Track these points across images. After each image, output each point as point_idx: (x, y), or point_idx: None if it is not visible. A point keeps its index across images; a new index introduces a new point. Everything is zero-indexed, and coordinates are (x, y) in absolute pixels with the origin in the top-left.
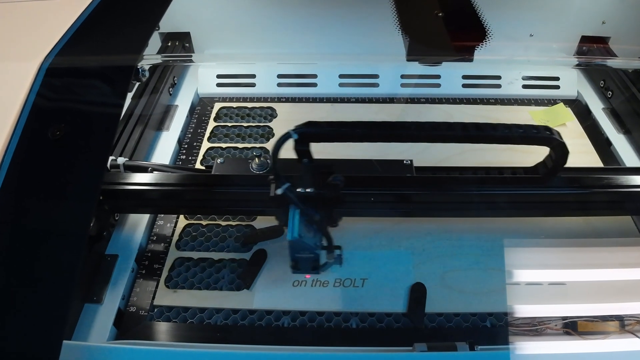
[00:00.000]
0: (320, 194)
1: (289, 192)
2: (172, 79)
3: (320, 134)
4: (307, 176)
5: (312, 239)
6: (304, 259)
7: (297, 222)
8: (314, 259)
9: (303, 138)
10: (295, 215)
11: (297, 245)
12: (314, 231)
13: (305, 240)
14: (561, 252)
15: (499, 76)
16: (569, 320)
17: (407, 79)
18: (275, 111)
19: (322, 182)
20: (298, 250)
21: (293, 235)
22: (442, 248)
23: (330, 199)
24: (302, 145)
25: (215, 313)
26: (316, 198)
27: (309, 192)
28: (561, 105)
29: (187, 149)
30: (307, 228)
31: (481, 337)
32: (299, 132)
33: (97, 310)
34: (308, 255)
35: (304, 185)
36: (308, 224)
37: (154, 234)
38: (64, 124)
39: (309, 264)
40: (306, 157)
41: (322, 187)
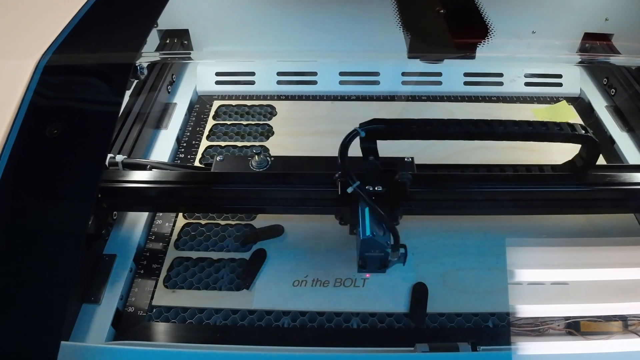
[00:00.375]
0: (389, 192)
1: (360, 190)
2: (170, 77)
3: (387, 131)
4: (375, 174)
5: (383, 237)
6: (373, 258)
7: (368, 221)
8: (383, 257)
9: (370, 135)
10: (366, 214)
11: (369, 243)
12: (384, 229)
13: (377, 239)
14: (564, 252)
15: (501, 74)
16: (572, 320)
17: (408, 76)
18: (274, 109)
19: (389, 179)
20: (369, 249)
21: (366, 233)
22: (443, 247)
23: (398, 197)
24: (369, 142)
25: (215, 313)
26: (384, 196)
27: (378, 190)
28: (564, 103)
29: (186, 147)
30: (377, 226)
31: (483, 338)
32: (366, 129)
33: (95, 310)
34: (378, 253)
35: (373, 183)
36: (378, 222)
37: (152, 233)
38: (61, 122)
39: (378, 263)
40: (372, 154)
41: (390, 184)
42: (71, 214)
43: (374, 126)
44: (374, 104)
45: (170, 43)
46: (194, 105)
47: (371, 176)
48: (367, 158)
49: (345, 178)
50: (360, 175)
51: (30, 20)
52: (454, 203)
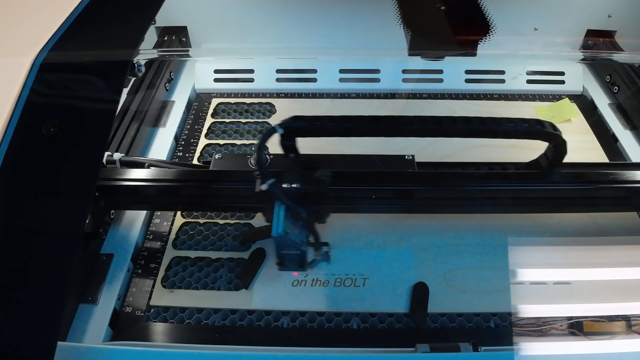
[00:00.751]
0: (306, 190)
1: (274, 188)
2: (168, 74)
3: (306, 129)
4: (293, 171)
5: (298, 235)
6: (290, 256)
7: (282, 218)
8: (300, 255)
9: (289, 132)
10: (281, 211)
11: (282, 241)
12: (300, 227)
13: (291, 237)
14: (566, 251)
15: (503, 71)
16: (575, 320)
17: (408, 74)
18: (274, 107)
19: (308, 177)
20: (283, 247)
21: (277, 231)
22: (444, 247)
23: (316, 195)
24: (288, 139)
25: (213, 313)
26: (302, 194)
27: (295, 187)
28: (566, 100)
29: (184, 145)
30: (293, 224)
31: (485, 338)
32: (284, 126)
33: (92, 310)
34: (294, 252)
35: (290, 181)
36: (295, 220)
37: (150, 232)
38: (58, 120)
39: (296, 261)
40: (292, 152)
41: (308, 182)
42: (68, 213)
43: (293, 123)
44: (374, 101)
45: (169, 40)
46: (192, 103)
47: (290, 174)
48: (288, 155)
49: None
50: (279, 172)
51: (26, 16)
52: (453, 201)
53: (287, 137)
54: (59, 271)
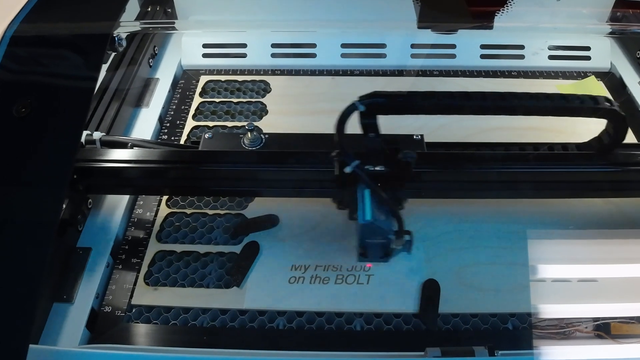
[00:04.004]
0: (392, 172)
1: (360, 170)
2: (152, 49)
3: (389, 105)
4: (377, 152)
5: (385, 222)
6: (374, 245)
7: (368, 204)
8: (386, 244)
9: (370, 110)
10: (367, 196)
11: (370, 229)
12: (386, 214)
13: (379, 224)
14: (593, 245)
15: (522, 46)
16: (601, 321)
17: (418, 48)
18: (268, 85)
19: (392, 158)
20: (370, 235)
21: (365, 218)
22: (458, 240)
23: (401, 177)
24: (369, 117)
25: (201, 314)
26: (387, 176)
27: (379, 170)
28: (592, 78)
29: (170, 127)
30: (378, 210)
31: (502, 341)
32: (366, 103)
33: (67, 310)
34: (380, 240)
35: (374, 162)
36: (379, 206)
37: (131, 224)
38: (30, 99)
39: (380, 251)
40: (373, 131)
41: (393, 164)
42: (41, 201)
43: (375, 99)
44: (379, 79)
45: (152, 11)
46: (178, 80)
47: (372, 155)
48: (367, 135)
49: (343, 157)
50: (359, 154)
51: None
52: (466, 185)
53: (367, 115)
54: (31, 266)
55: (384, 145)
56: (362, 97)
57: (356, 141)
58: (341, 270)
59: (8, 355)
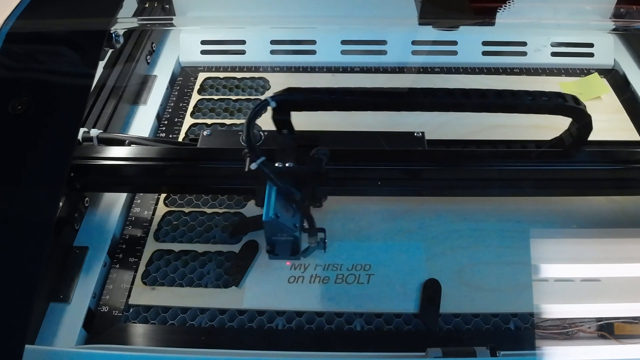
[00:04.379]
0: (301, 170)
1: (265, 167)
2: (150, 46)
3: (302, 102)
4: (287, 149)
5: (291, 219)
6: (281, 243)
7: (273, 201)
8: (292, 242)
9: (282, 106)
10: (272, 193)
11: (272, 225)
12: (294, 211)
13: (282, 221)
14: (596, 244)
15: (525, 42)
16: (605, 321)
17: (419, 45)
18: (268, 82)
19: (304, 156)
20: (274, 232)
21: (268, 214)
22: (459, 239)
23: (312, 176)
24: (281, 114)
25: (200, 314)
26: (296, 174)
27: (288, 167)
28: (595, 75)
29: (167, 125)
30: (285, 208)
31: (504, 341)
32: (277, 99)
33: (64, 310)
34: (286, 237)
35: (283, 160)
36: (288, 203)
37: (129, 223)
38: (26, 97)
39: (288, 248)
40: (286, 127)
41: (303, 161)
42: (38, 200)
43: (287, 96)
44: (380, 76)
45: (150, 7)
46: (176, 77)
47: (283, 152)
48: (281, 131)
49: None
50: (271, 151)
51: None
52: (467, 182)
53: (280, 111)
54: (28, 266)
55: (298, 143)
56: (275, 94)
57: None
58: (341, 269)
59: (4, 355)
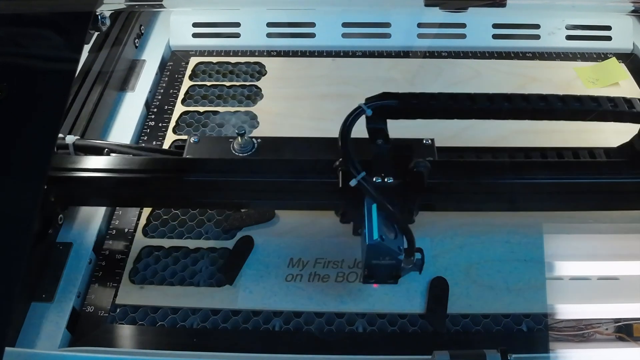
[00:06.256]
0: (402, 184)
1: (366, 183)
2: (138, 28)
3: (401, 109)
4: (385, 161)
5: (394, 240)
6: (382, 267)
7: (376, 221)
8: (395, 265)
9: (379, 113)
10: (374, 212)
11: (377, 249)
12: (395, 231)
13: (387, 243)
14: (613, 240)
15: (538, 25)
16: (623, 322)
17: (425, 28)
18: (264, 67)
19: (402, 168)
20: (377, 256)
21: (373, 237)
22: (468, 235)
23: (413, 190)
24: (377, 122)
25: (191, 314)
26: (397, 189)
27: (388, 182)
28: (613, 60)
29: (157, 113)
30: (387, 227)
31: (515, 344)
32: (374, 106)
33: (46, 310)
34: (388, 261)
35: (382, 174)
36: (387, 222)
37: (115, 217)
38: (5, 83)
39: (389, 272)
40: (381, 137)
41: (403, 175)
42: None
43: (384, 102)
44: (384, 61)
45: None
46: (166, 62)
47: (380, 164)
48: (375, 141)
49: (348, 167)
50: (366, 162)
51: None
52: (482, 197)
53: (375, 119)
54: (7, 263)
55: (393, 153)
56: (369, 99)
57: (360, 146)
58: (342, 267)
59: None
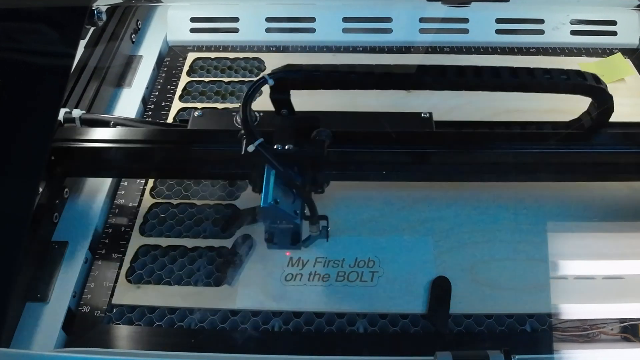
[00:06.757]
0: (302, 152)
1: (263, 150)
2: (135, 23)
3: (302, 80)
4: (286, 131)
5: (292, 206)
6: (281, 231)
7: (271, 186)
8: (293, 230)
9: (281, 84)
10: (271, 178)
11: (271, 212)
12: (294, 197)
13: (282, 207)
14: (619, 238)
15: (542, 20)
16: (629, 323)
17: (427, 23)
18: (263, 63)
19: (304, 138)
20: (273, 219)
21: (267, 200)
22: (471, 233)
23: (314, 159)
24: (280, 93)
25: (189, 314)
26: (297, 157)
27: (288, 149)
28: (619, 55)
29: (154, 109)
30: (285, 193)
31: (519, 344)
32: (275, 76)
33: (41, 310)
34: (286, 225)
35: (282, 142)
36: (287, 188)
37: (112, 215)
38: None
39: (288, 237)
40: (285, 107)
41: (303, 143)
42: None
43: (286, 73)
44: (384, 56)
45: None
46: (163, 58)
47: (283, 133)
48: (280, 112)
49: (247, 135)
50: (269, 132)
51: None
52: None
53: (279, 90)
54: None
55: (299, 124)
56: (273, 71)
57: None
58: (342, 266)
59: None
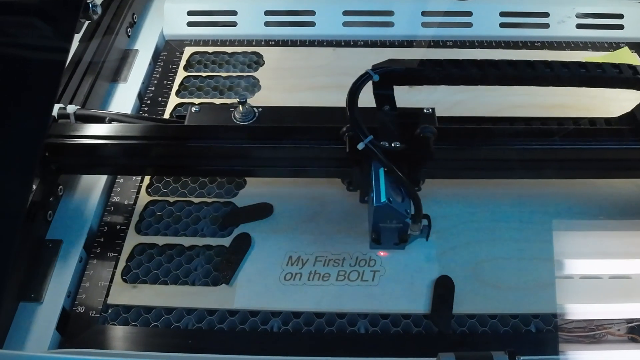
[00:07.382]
0: (409, 150)
1: (374, 147)
2: (131, 17)
3: (407, 75)
4: (392, 127)
5: (402, 204)
6: (389, 230)
7: (384, 184)
8: (402, 229)
9: (386, 79)
10: (381, 176)
11: (384, 212)
12: (402, 195)
13: (395, 206)
14: (625, 237)
15: (547, 13)
16: (636, 323)
17: (429, 16)
18: (261, 57)
19: (409, 134)
20: (384, 219)
21: (381, 199)
22: (475, 231)
23: (420, 155)
24: (384, 88)
25: (186, 314)
26: (403, 154)
27: (395, 146)
28: (625, 49)
29: (150, 105)
30: (395, 192)
31: (524, 345)
32: (380, 72)
33: (35, 310)
34: (396, 224)
35: (389, 138)
36: (395, 187)
37: (107, 213)
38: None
39: (395, 237)
40: (388, 103)
41: (410, 140)
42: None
43: (391, 68)
44: (386, 50)
45: None
46: (160, 52)
47: (387, 130)
48: (382, 108)
49: (355, 132)
50: (373, 128)
51: None
52: (483, 164)
53: (382, 85)
54: None
55: (400, 119)
56: (376, 66)
57: (367, 115)
58: (343, 265)
59: None
